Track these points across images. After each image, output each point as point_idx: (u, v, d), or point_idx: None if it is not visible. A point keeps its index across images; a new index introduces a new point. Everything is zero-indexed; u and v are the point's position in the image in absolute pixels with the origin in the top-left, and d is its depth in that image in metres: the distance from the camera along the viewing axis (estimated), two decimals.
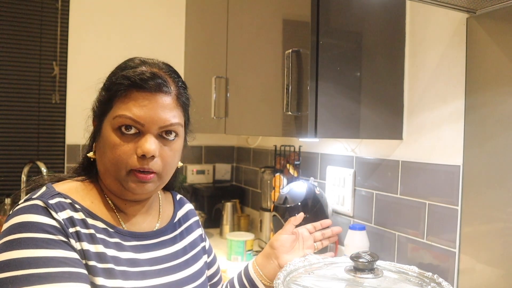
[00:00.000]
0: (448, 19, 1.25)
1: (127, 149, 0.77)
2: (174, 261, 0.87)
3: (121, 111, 0.77)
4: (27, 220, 0.70)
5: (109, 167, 0.79)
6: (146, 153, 0.76)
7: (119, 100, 0.78)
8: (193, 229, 0.99)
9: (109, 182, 0.82)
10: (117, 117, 0.77)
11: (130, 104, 0.77)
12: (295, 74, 1.27)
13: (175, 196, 1.02)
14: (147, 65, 0.82)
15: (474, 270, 1.16)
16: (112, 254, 0.77)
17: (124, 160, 0.77)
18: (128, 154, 0.77)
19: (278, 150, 1.94)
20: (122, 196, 0.83)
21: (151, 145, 0.77)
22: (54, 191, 0.77)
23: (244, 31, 1.68)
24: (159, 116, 0.78)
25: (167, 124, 0.79)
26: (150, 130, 0.78)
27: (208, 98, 1.88)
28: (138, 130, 0.78)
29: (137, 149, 0.77)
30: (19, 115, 2.19)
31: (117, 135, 0.78)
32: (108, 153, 0.78)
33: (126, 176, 0.78)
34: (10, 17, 2.16)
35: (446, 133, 1.26)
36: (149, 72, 0.79)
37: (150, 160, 0.78)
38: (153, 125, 0.78)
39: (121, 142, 0.77)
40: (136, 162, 0.77)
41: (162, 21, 2.45)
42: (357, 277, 0.82)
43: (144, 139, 0.77)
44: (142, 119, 0.77)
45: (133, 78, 0.77)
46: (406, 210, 1.38)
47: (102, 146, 0.80)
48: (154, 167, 0.78)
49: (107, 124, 0.79)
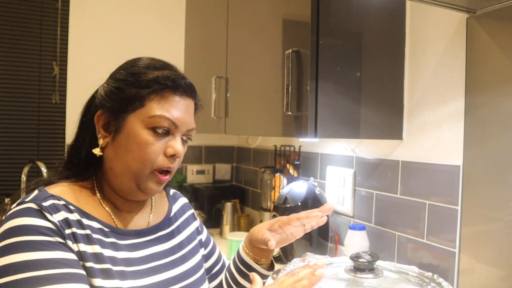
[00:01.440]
0: (448, 19, 1.25)
1: (158, 148, 0.79)
2: (170, 256, 0.87)
3: (159, 111, 0.78)
4: (22, 223, 0.69)
5: (132, 165, 0.78)
6: (177, 153, 0.80)
7: (154, 99, 0.79)
8: (189, 222, 0.99)
9: (119, 181, 0.80)
10: (156, 116, 0.78)
11: (166, 105, 0.79)
12: (295, 74, 1.27)
13: (168, 191, 1.02)
14: (171, 68, 0.85)
15: (474, 270, 1.16)
16: (109, 254, 0.77)
17: (153, 159, 0.78)
18: (158, 153, 0.79)
19: (278, 150, 1.94)
20: (128, 196, 0.83)
21: (181, 146, 0.81)
22: (47, 193, 0.76)
23: (244, 31, 1.68)
24: (189, 119, 0.83)
25: (191, 128, 0.84)
26: (180, 132, 0.82)
27: (208, 98, 1.88)
28: (169, 131, 0.80)
29: (167, 149, 0.80)
30: (19, 115, 2.19)
31: (151, 134, 0.78)
32: (135, 150, 0.78)
33: (148, 175, 0.79)
34: (10, 17, 2.15)
35: (446, 133, 1.26)
36: (180, 74, 0.84)
37: (174, 160, 0.81)
38: (184, 128, 0.82)
39: (154, 141, 0.78)
40: (164, 161, 0.80)
41: (162, 21, 2.45)
42: (357, 277, 0.82)
43: (175, 140, 0.81)
44: (178, 121, 0.80)
45: (171, 79, 0.80)
46: (406, 210, 1.38)
47: (125, 143, 0.78)
48: (175, 167, 0.83)
49: (137, 121, 0.78)
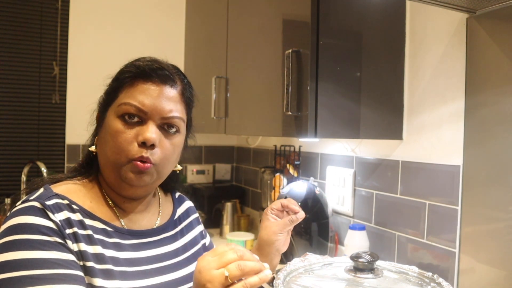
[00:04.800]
0: (448, 19, 1.25)
1: (128, 136, 0.78)
2: (174, 259, 0.87)
3: (126, 99, 0.78)
4: (24, 221, 0.70)
5: (109, 156, 0.79)
6: (147, 140, 0.77)
7: (125, 89, 0.80)
8: (193, 226, 0.99)
9: (108, 175, 0.81)
10: (122, 104, 0.78)
11: (135, 93, 0.79)
12: (295, 74, 1.27)
13: (174, 194, 1.02)
14: (156, 62, 0.84)
15: (474, 270, 1.16)
16: (111, 254, 0.77)
17: (125, 148, 0.77)
18: (129, 141, 0.77)
19: (278, 150, 1.94)
20: (119, 191, 0.83)
21: (152, 134, 0.78)
22: (52, 192, 0.77)
23: (244, 31, 1.68)
24: (162, 106, 0.79)
25: (169, 116, 0.80)
26: (152, 119, 0.79)
27: (208, 98, 1.88)
28: (141, 119, 0.79)
29: (138, 137, 0.77)
30: (19, 115, 2.19)
31: (120, 123, 0.78)
32: (109, 141, 0.78)
33: (125, 165, 0.78)
34: (10, 17, 2.16)
35: (446, 133, 1.26)
36: (158, 64, 0.82)
37: (150, 148, 0.78)
38: (156, 114, 0.79)
39: (124, 129, 0.78)
40: (137, 149, 0.77)
41: (162, 21, 2.45)
42: (357, 277, 0.82)
43: (145, 127, 0.78)
44: (146, 107, 0.78)
45: (142, 67, 0.80)
46: (406, 210, 1.38)
47: (104, 135, 0.81)
48: (152, 157, 0.79)
49: (111, 112, 0.80)
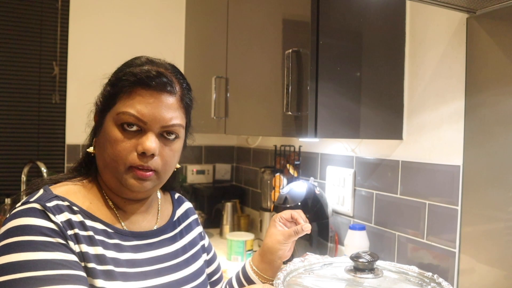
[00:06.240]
0: (448, 19, 1.25)
1: (127, 145, 0.77)
2: (174, 260, 0.87)
3: (125, 107, 0.78)
4: (25, 223, 0.70)
5: (108, 162, 0.79)
6: (147, 150, 0.77)
7: (124, 96, 0.79)
8: (192, 227, 0.99)
9: (107, 178, 0.81)
10: (121, 113, 0.78)
11: (134, 102, 0.78)
12: (295, 74, 1.27)
13: (173, 195, 1.02)
14: (154, 64, 0.82)
15: (474, 270, 1.16)
16: (112, 255, 0.77)
17: (123, 156, 0.77)
18: (128, 151, 0.77)
19: (278, 150, 1.94)
20: (120, 194, 0.83)
21: (152, 143, 0.77)
22: (52, 193, 0.77)
23: (244, 31, 1.68)
24: (162, 115, 0.78)
25: (169, 124, 0.80)
26: (152, 129, 0.78)
27: (208, 98, 1.88)
28: (140, 128, 0.78)
29: (137, 146, 0.77)
30: (19, 115, 2.19)
31: (119, 131, 0.78)
32: (108, 148, 0.78)
33: (125, 172, 0.78)
34: (10, 17, 2.16)
35: (446, 133, 1.26)
36: (155, 70, 0.80)
37: (149, 158, 0.78)
38: (155, 124, 0.78)
39: (123, 138, 0.77)
40: (136, 159, 0.77)
41: (162, 21, 2.45)
42: (357, 277, 0.82)
43: (145, 137, 0.78)
44: (145, 117, 0.77)
45: (139, 75, 0.78)
46: (406, 210, 1.38)
47: (102, 141, 0.80)
48: (153, 165, 0.79)
49: (110, 119, 0.80)
